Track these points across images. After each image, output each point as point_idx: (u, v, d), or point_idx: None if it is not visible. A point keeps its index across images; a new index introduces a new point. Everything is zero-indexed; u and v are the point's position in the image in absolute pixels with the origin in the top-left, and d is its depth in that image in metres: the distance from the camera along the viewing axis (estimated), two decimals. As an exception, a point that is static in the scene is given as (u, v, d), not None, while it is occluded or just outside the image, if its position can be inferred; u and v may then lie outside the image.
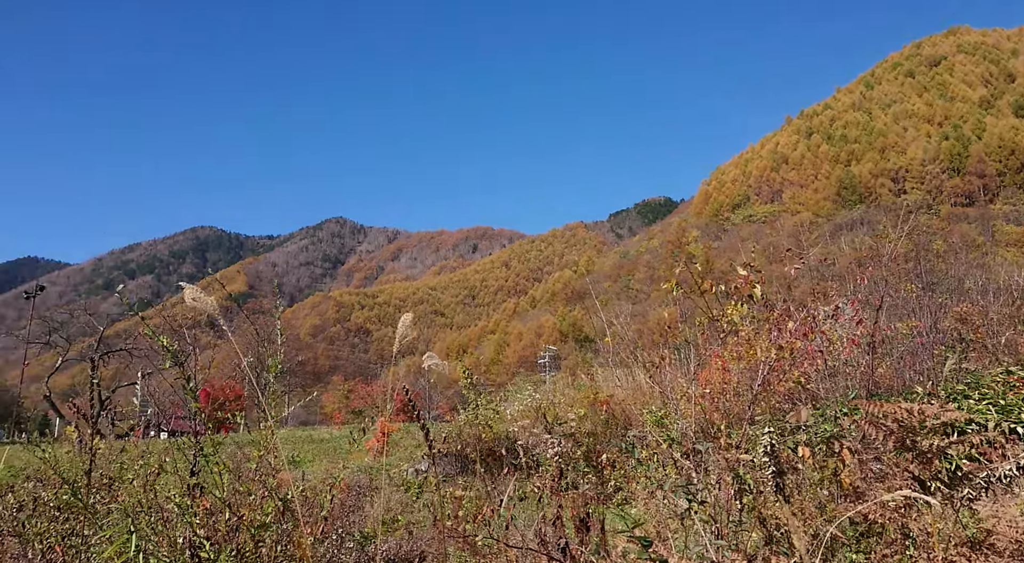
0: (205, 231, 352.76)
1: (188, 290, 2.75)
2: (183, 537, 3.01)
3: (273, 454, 3.19)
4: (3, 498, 4.85)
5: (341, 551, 3.27)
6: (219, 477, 2.83)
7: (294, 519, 3.12)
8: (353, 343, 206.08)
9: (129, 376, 32.59)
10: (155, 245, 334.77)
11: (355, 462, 13.97)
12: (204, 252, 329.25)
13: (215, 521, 3.19)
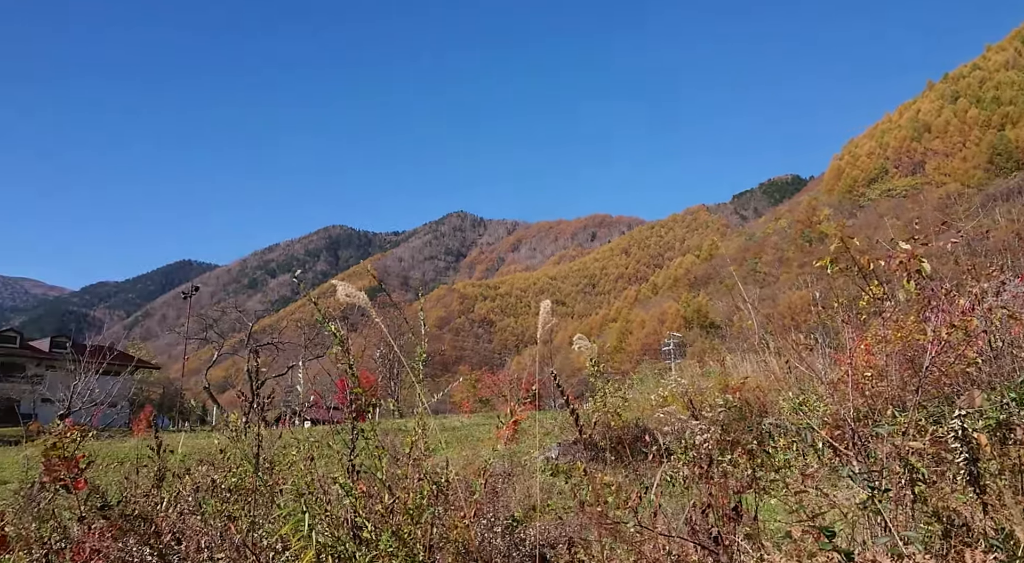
0: (336, 230, 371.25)
1: (341, 288, 2.92)
2: (345, 517, 3.20)
3: (424, 439, 3.33)
4: (182, 480, 5.27)
5: (491, 534, 3.36)
6: (378, 460, 2.98)
7: (446, 502, 3.24)
8: (477, 333, 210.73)
9: (276, 368, 34.95)
10: (292, 245, 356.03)
11: (487, 450, 14.29)
12: (336, 250, 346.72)
13: (373, 503, 3.37)
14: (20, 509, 5.42)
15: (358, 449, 3.18)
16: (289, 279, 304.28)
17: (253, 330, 30.22)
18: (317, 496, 3.19)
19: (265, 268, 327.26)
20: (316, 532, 2.84)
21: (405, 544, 2.94)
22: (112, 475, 8.98)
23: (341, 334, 3.15)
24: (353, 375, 3.17)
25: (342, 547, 2.89)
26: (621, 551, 3.22)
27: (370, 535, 2.96)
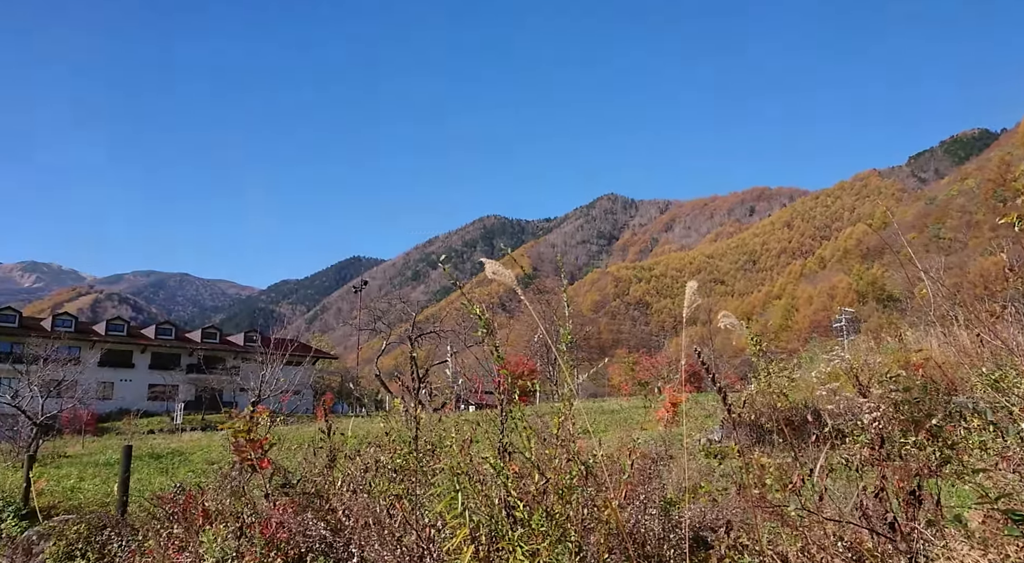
0: (491, 220, 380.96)
1: (488, 265, 2.95)
2: (498, 497, 3.26)
3: (572, 421, 3.31)
4: (353, 461, 5.59)
5: (645, 516, 3.30)
6: (527, 441, 3.00)
7: (597, 483, 3.21)
8: (633, 316, 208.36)
9: (439, 356, 36.48)
10: (450, 237, 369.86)
11: (646, 432, 14.11)
12: (491, 239, 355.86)
13: (524, 484, 3.41)
14: (218, 487, 6.04)
15: (507, 430, 3.23)
16: (449, 270, 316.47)
17: (417, 320, 31.69)
18: (471, 476, 3.27)
19: (426, 260, 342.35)
20: (470, 510, 2.91)
21: (557, 524, 2.94)
22: (297, 457, 9.79)
23: (486, 317, 3.20)
24: (499, 358, 3.21)
25: (495, 525, 2.94)
26: (785, 536, 3.04)
27: (522, 514, 2.99)
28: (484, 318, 3.18)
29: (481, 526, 2.93)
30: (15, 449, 19.99)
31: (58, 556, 5.66)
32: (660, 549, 3.25)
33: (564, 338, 3.35)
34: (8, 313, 57.33)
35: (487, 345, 3.23)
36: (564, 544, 2.84)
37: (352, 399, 67.19)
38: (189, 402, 54.26)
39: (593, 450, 3.64)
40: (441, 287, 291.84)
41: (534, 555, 2.76)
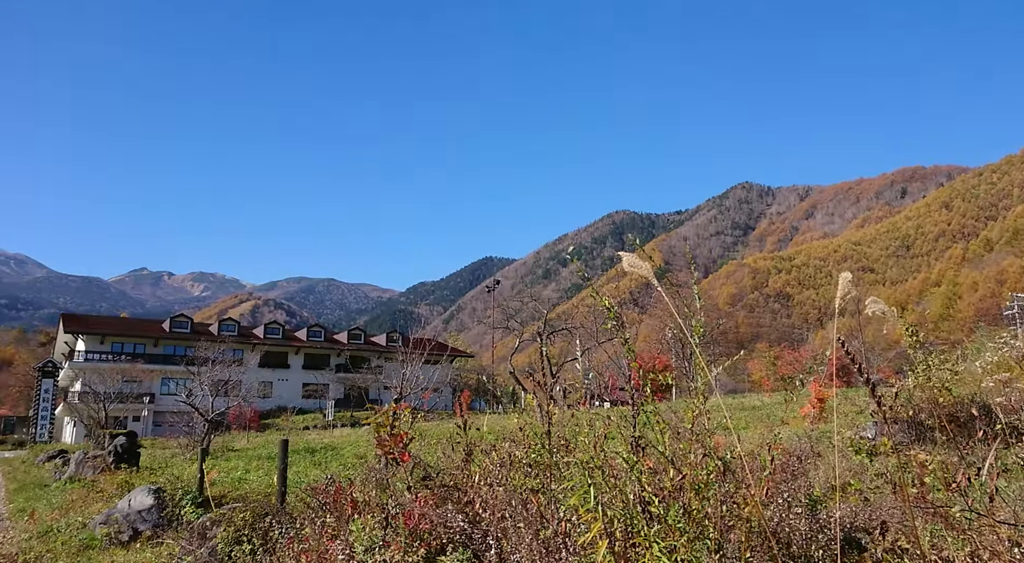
0: (620, 215, 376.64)
1: (625, 257, 2.92)
2: (631, 492, 3.22)
3: (707, 417, 3.21)
4: (489, 456, 5.70)
5: (789, 514, 3.13)
6: (661, 436, 2.94)
7: (735, 480, 3.09)
8: (773, 309, 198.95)
9: (571, 353, 36.51)
10: (579, 234, 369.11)
11: (790, 429, 13.44)
12: (621, 235, 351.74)
13: (658, 479, 3.34)
14: (364, 479, 6.37)
15: (639, 425, 3.17)
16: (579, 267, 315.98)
17: (548, 317, 31.89)
18: (604, 470, 3.25)
19: (556, 258, 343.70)
20: (603, 505, 2.89)
21: (694, 521, 2.86)
22: (434, 452, 10.14)
23: (616, 311, 3.16)
24: (631, 351, 3.16)
25: (630, 520, 2.90)
26: (951, 540, 2.79)
27: (658, 510, 2.93)
28: (614, 311, 3.15)
29: (616, 521, 2.90)
30: (191, 443, 22.01)
31: (228, 540, 6.17)
32: (807, 549, 3.07)
33: (696, 331, 3.25)
34: (182, 320, 63.28)
35: (618, 340, 3.19)
36: (703, 541, 2.76)
37: (488, 396, 68.64)
38: (339, 400, 57.48)
39: (731, 446, 3.51)
40: (572, 284, 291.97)
41: (672, 552, 2.69)
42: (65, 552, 8.86)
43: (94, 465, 17.61)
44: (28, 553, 9.00)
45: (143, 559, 7.94)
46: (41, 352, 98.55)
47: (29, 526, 11.11)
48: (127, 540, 9.10)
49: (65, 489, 15.79)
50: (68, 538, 9.62)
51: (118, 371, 44.44)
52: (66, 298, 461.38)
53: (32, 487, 17.74)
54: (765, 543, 2.85)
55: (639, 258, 2.90)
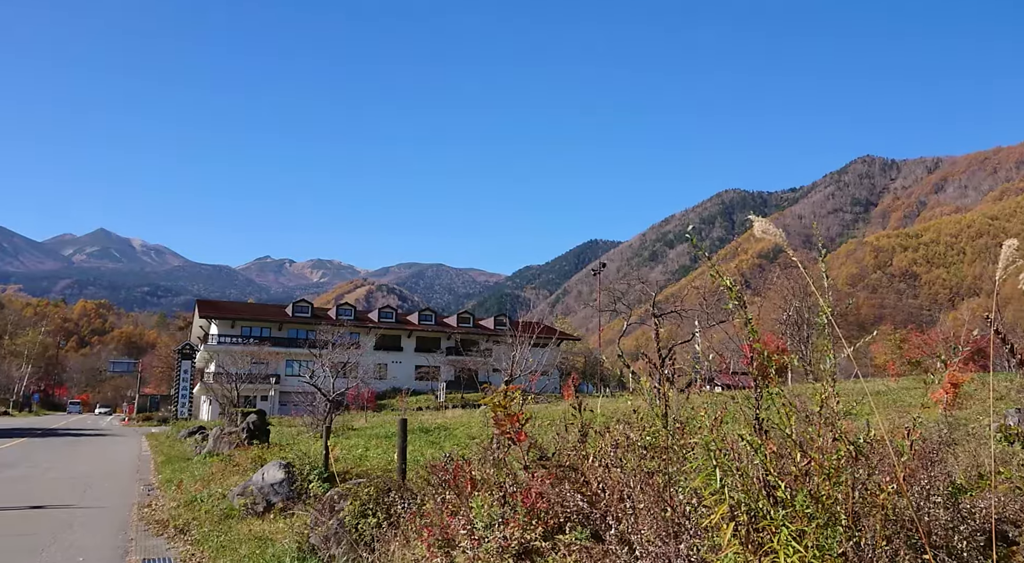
0: (730, 194, 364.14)
1: (757, 223, 2.86)
2: (754, 476, 3.15)
3: (834, 401, 3.09)
4: (603, 438, 5.72)
5: (928, 503, 2.97)
6: (786, 418, 2.86)
7: (868, 466, 2.97)
8: (898, 289, 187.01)
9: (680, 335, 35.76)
10: (687, 215, 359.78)
11: (921, 415, 12.67)
12: (731, 215, 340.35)
13: (783, 463, 3.25)
14: (481, 458, 6.54)
15: (763, 408, 3.10)
16: (687, 249, 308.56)
17: (656, 299, 31.41)
18: (726, 453, 3.20)
19: (663, 240, 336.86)
20: (728, 488, 2.84)
21: (824, 507, 2.77)
22: (547, 433, 10.25)
23: (736, 289, 3.09)
24: (753, 331, 3.08)
25: (755, 504, 2.85)
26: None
27: (784, 495, 2.86)
28: (735, 289, 3.07)
29: (741, 505, 2.85)
30: (314, 421, 23.24)
31: (354, 513, 6.51)
32: (948, 540, 2.91)
33: (823, 310, 3.12)
34: (303, 305, 66.73)
35: (738, 319, 3.12)
36: (833, 528, 2.67)
37: (596, 379, 68.52)
38: (449, 382, 58.98)
39: (860, 431, 3.37)
40: (679, 266, 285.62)
41: (801, 537, 2.63)
42: (208, 520, 9.60)
43: (229, 441, 18.95)
44: (177, 520, 9.82)
45: (277, 529, 8.49)
46: (180, 335, 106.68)
47: (177, 495, 12.11)
48: (262, 511, 9.75)
49: (205, 462, 17.08)
50: (210, 507, 10.41)
51: (247, 353, 47.41)
52: (200, 285, 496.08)
53: (177, 460, 19.30)
54: (902, 531, 2.72)
55: (771, 225, 2.81)
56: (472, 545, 4.61)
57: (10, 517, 10.53)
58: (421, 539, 5.17)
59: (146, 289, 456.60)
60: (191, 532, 9.01)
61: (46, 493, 13.32)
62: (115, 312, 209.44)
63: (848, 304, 39.61)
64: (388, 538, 5.83)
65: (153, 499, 12.53)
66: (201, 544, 8.19)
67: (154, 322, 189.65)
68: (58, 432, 43.13)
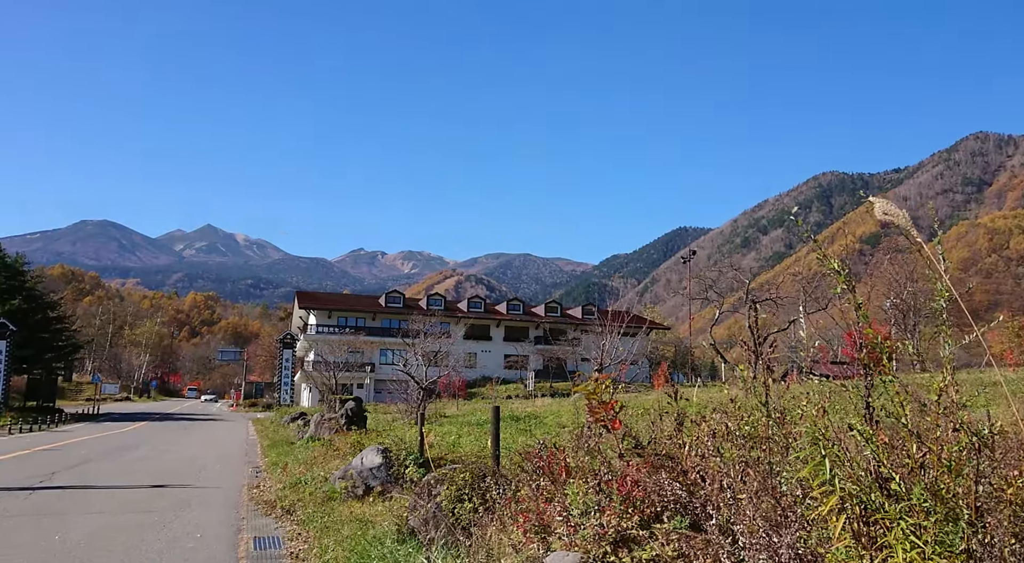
0: (827, 177, 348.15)
1: (878, 203, 2.72)
2: (864, 468, 3.02)
3: (952, 390, 2.92)
4: (699, 427, 5.62)
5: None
6: (900, 407, 2.73)
7: (991, 459, 2.80)
8: (1016, 274, 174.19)
9: (776, 323, 34.67)
10: (781, 199, 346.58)
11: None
12: (828, 198, 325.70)
13: (897, 454, 3.10)
14: (574, 446, 6.55)
15: (874, 396, 2.96)
16: (781, 234, 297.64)
17: (750, 287, 30.52)
18: (833, 444, 3.08)
19: (756, 226, 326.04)
20: (838, 479, 2.74)
21: (943, 501, 2.63)
22: (640, 422, 10.15)
23: (846, 273, 2.95)
24: (864, 315, 2.94)
25: (867, 497, 2.73)
26: None
27: (899, 488, 2.73)
28: (845, 273, 2.94)
29: (852, 497, 2.74)
30: (408, 409, 23.86)
31: (451, 497, 6.65)
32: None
33: (940, 294, 2.95)
34: (395, 296, 68.54)
35: (848, 303, 2.99)
36: (955, 523, 2.53)
37: (687, 369, 67.27)
38: (538, 371, 59.28)
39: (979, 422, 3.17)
40: (773, 253, 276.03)
41: (919, 532, 2.50)
42: (312, 501, 10.04)
43: (329, 426, 19.73)
44: (283, 501, 10.31)
45: (377, 511, 8.79)
46: (281, 326, 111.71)
47: (282, 478, 12.72)
48: (361, 494, 10.11)
49: (307, 447, 17.85)
50: (313, 490, 10.88)
51: (343, 342, 49.15)
52: (298, 277, 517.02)
53: (281, 444, 20.26)
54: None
55: (893, 205, 2.67)
56: (568, 531, 4.63)
57: (139, 494, 11.34)
58: (517, 524, 5.24)
59: (249, 281, 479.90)
60: (296, 513, 9.44)
61: (166, 473, 14.28)
62: (222, 304, 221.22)
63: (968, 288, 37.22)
64: (485, 523, 5.93)
65: (261, 481, 13.21)
66: (306, 524, 8.57)
67: (257, 313, 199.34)
68: (174, 417, 46.07)
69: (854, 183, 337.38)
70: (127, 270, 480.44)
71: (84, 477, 13.42)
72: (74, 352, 61.08)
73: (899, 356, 31.49)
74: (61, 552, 7.11)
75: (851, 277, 2.99)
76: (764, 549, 3.01)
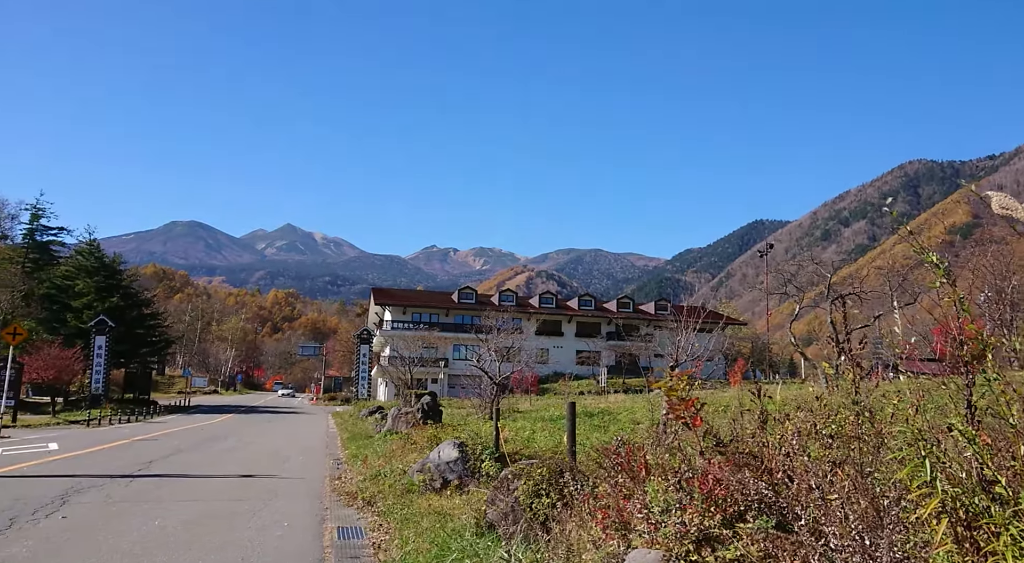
0: (914, 166, 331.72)
1: (996, 197, 2.60)
2: (965, 471, 2.88)
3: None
4: (782, 425, 5.48)
5: None
6: (1006, 406, 2.59)
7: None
8: None
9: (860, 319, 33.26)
10: (863, 190, 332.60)
11: None
12: (915, 188, 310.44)
13: (1002, 457, 2.95)
14: (653, 443, 6.50)
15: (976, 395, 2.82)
16: (864, 226, 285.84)
17: (832, 281, 29.44)
18: (931, 445, 2.96)
19: (837, 217, 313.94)
20: (940, 481, 2.63)
21: (1055, 506, 2.48)
22: (719, 419, 9.96)
23: (945, 264, 2.82)
24: (965, 309, 2.81)
25: (969, 500, 2.61)
26: None
27: (1005, 491, 2.60)
28: (944, 265, 2.81)
29: (954, 500, 2.62)
30: (482, 404, 24.10)
31: (528, 492, 6.70)
32: None
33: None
34: (468, 292, 69.29)
35: (944, 297, 2.85)
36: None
37: (764, 365, 65.52)
38: (610, 367, 58.83)
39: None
40: (856, 245, 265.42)
41: (1029, 537, 2.37)
42: (391, 494, 10.27)
43: (406, 420, 20.13)
44: (364, 492, 10.59)
45: (454, 504, 8.92)
46: (358, 321, 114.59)
47: (362, 470, 13.07)
48: (439, 487, 10.28)
49: (385, 440, 18.27)
50: (392, 482, 11.13)
51: (418, 338, 50.04)
52: (373, 274, 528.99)
53: (360, 437, 20.80)
54: None
55: (1009, 198, 2.53)
56: (649, 529, 4.59)
57: (229, 484, 11.87)
58: (596, 521, 5.23)
59: (327, 279, 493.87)
60: (377, 504, 9.68)
61: (253, 464, 14.88)
62: (301, 300, 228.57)
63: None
64: (563, 518, 5.95)
65: (342, 473, 13.60)
66: (387, 516, 8.78)
67: (335, 309, 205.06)
68: (258, 409, 47.94)
69: (943, 171, 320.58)
70: (213, 268, 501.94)
71: (178, 466, 14.13)
72: (166, 347, 64.38)
73: (995, 352, 29.78)
74: (161, 538, 7.51)
75: (951, 269, 2.85)
76: (858, 551, 2.92)
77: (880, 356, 26.20)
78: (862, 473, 3.85)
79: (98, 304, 46.05)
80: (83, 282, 47.60)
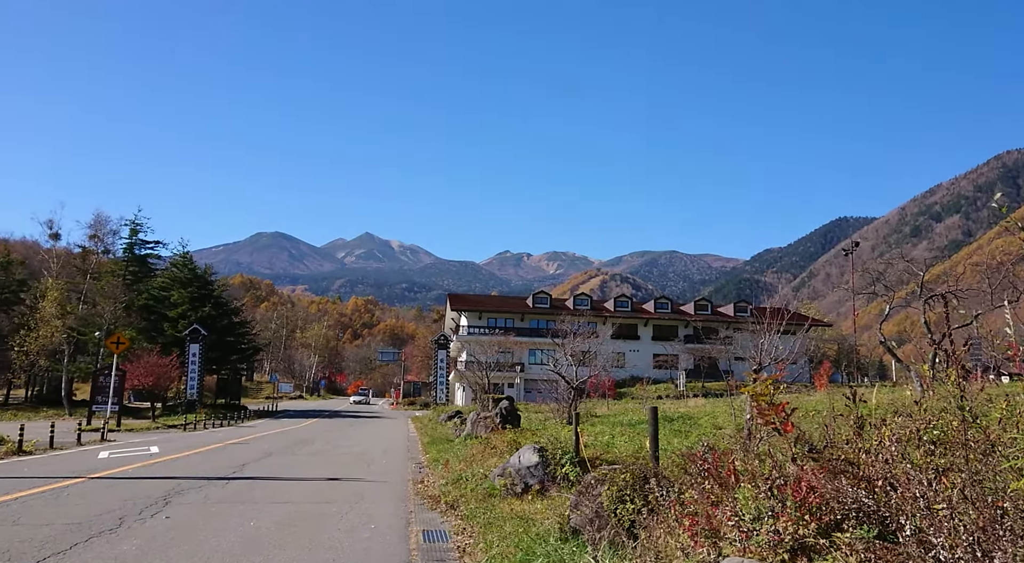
0: (1012, 156, 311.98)
1: None
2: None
3: None
4: (879, 430, 5.26)
5: None
6: None
7: None
8: None
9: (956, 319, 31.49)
10: (956, 183, 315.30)
11: None
12: (1015, 178, 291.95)
13: None
14: (742, 448, 6.34)
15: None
16: (957, 221, 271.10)
17: (924, 280, 28.05)
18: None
19: (928, 212, 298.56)
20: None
21: None
22: (807, 423, 9.62)
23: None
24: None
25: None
26: None
27: None
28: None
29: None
30: (559, 408, 24.06)
31: (612, 497, 6.64)
32: None
33: None
34: (542, 297, 69.33)
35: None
36: None
37: (851, 368, 62.94)
38: (688, 370, 57.71)
39: None
40: (949, 241, 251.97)
41: None
42: (473, 497, 10.36)
43: (485, 425, 20.30)
44: (447, 496, 10.73)
45: (536, 509, 8.93)
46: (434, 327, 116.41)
47: (444, 474, 13.24)
48: (520, 492, 10.31)
49: (465, 444, 18.47)
50: (474, 486, 11.23)
51: (494, 343, 50.33)
52: (448, 280, 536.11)
53: (440, 441, 21.09)
54: None
55: None
56: (741, 537, 4.48)
57: (317, 486, 12.26)
58: (684, 528, 5.14)
59: (404, 285, 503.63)
60: (460, 508, 9.79)
61: (339, 467, 15.30)
62: (380, 307, 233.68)
63: None
64: (650, 525, 5.87)
65: (424, 476, 13.82)
66: (470, 519, 8.87)
67: (412, 315, 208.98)
68: (341, 414, 49.28)
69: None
70: (296, 277, 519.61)
71: (270, 469, 14.68)
72: (255, 354, 67.06)
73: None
74: (256, 537, 7.82)
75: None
76: (972, 564, 2.77)
77: (980, 358, 24.74)
78: (972, 482, 3.65)
79: (192, 313, 48.42)
80: (178, 293, 50.12)
